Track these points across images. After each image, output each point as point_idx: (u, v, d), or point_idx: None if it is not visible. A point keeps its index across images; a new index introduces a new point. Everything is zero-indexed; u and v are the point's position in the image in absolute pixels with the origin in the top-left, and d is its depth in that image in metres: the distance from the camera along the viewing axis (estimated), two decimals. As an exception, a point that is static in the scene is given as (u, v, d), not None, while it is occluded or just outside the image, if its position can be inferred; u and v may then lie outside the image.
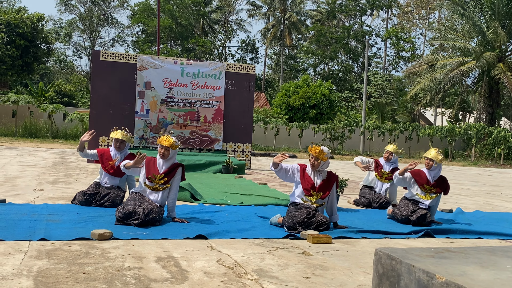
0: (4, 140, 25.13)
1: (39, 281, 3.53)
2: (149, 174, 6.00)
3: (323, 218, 5.86)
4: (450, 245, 5.61)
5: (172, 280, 3.72)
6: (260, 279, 3.87)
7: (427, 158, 6.99)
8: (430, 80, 37.38)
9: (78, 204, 6.90)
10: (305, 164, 6.26)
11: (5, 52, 34.21)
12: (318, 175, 6.12)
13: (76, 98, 48.85)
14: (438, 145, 36.72)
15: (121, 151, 7.14)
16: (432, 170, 6.95)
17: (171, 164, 6.10)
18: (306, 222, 5.74)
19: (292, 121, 37.26)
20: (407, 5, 59.18)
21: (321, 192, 6.02)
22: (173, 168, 6.07)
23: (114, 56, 14.53)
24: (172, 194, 6.08)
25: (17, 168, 11.69)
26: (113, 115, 14.28)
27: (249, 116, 15.54)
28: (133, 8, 58.92)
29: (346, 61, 60.30)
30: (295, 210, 5.90)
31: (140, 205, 5.72)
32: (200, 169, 13.42)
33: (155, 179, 5.98)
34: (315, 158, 6.05)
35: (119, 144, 7.14)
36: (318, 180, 6.08)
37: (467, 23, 36.78)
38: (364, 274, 4.19)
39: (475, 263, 2.86)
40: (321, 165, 6.08)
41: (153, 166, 6.06)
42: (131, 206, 5.71)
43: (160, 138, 6.08)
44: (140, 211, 5.63)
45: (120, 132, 7.15)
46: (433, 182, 6.90)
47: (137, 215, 5.62)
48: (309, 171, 6.13)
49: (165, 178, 6.00)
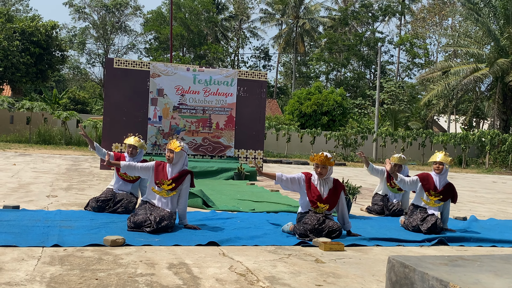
0: (18, 146, 25.35)
1: (52, 287, 3.55)
2: (158, 179, 6.00)
3: (335, 225, 5.75)
4: (464, 253, 5.55)
5: (184, 287, 3.72)
6: (272, 286, 3.85)
7: (436, 162, 6.87)
8: (443, 87, 37.14)
9: (91, 210, 6.94)
10: (310, 172, 6.06)
11: (20, 59, 34.58)
12: (324, 184, 5.94)
13: (89, 105, 49.22)
14: (452, 152, 36.45)
15: (134, 157, 7.21)
16: (442, 174, 6.86)
17: (180, 170, 6.08)
18: (317, 229, 5.67)
19: (304, 128, 37.21)
20: (420, 11, 58.97)
21: (328, 204, 5.87)
22: (182, 175, 6.06)
23: (127, 64, 14.62)
24: (182, 201, 6.08)
25: (31, 175, 11.78)
26: (126, 122, 14.36)
27: (261, 123, 15.55)
28: (146, 16, 59.33)
29: (359, 68, 60.17)
30: (305, 217, 5.83)
31: (151, 214, 5.73)
32: (212, 175, 13.44)
33: (163, 185, 5.97)
34: (321, 166, 5.86)
35: (131, 150, 7.23)
36: (325, 190, 5.91)
37: (481, 29, 36.55)
38: (377, 282, 4.16)
39: (489, 271, 2.83)
40: (328, 171, 5.94)
41: (162, 171, 6.06)
42: (142, 216, 5.71)
43: (169, 142, 6.13)
44: (152, 219, 5.64)
45: (134, 138, 7.26)
46: (441, 188, 6.80)
47: (148, 223, 5.64)
48: (315, 181, 5.95)
49: (173, 184, 5.97)
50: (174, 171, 6.06)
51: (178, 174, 6.05)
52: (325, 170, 5.89)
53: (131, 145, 7.20)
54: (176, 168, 6.08)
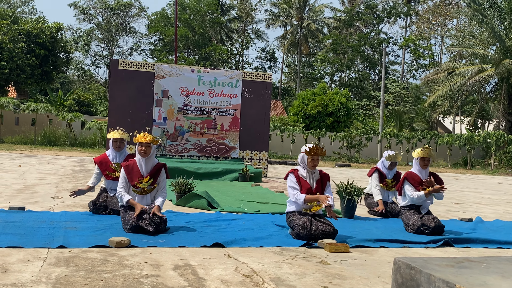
0: (24, 148, 25.44)
1: (58, 288, 3.56)
2: (133, 182, 5.86)
3: (326, 227, 5.60)
4: (470, 254, 5.53)
5: (189, 288, 3.72)
6: (277, 287, 3.85)
7: (424, 159, 6.81)
8: (448, 88, 37.06)
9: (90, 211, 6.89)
10: (295, 168, 6.01)
11: (25, 61, 34.73)
12: (312, 176, 5.93)
13: (94, 106, 49.38)
14: (457, 154, 36.38)
15: (120, 151, 7.08)
16: (426, 168, 6.83)
17: (153, 164, 5.98)
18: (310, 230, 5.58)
19: (309, 129, 37.20)
20: (425, 12, 58.85)
21: (318, 193, 5.83)
22: (157, 169, 5.97)
23: (132, 65, 14.65)
24: (161, 194, 5.97)
25: (36, 176, 11.82)
26: (131, 123, 14.38)
27: (265, 124, 15.55)
28: (150, 17, 59.47)
29: (363, 69, 60.11)
30: (295, 220, 5.73)
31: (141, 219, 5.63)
32: (216, 177, 13.44)
33: (141, 183, 5.87)
34: (316, 158, 5.83)
35: (118, 143, 7.04)
36: (314, 182, 5.90)
37: (486, 30, 36.45)
38: (382, 283, 4.15)
39: (496, 273, 2.82)
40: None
41: (133, 171, 5.90)
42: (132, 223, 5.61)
43: (137, 137, 5.90)
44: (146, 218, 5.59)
45: (117, 132, 7.04)
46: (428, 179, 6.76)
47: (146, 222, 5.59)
48: (303, 174, 5.92)
49: (151, 179, 5.90)
50: (148, 165, 5.94)
51: (154, 169, 5.95)
52: (318, 159, 5.89)
53: (117, 138, 7.00)
54: (149, 161, 5.95)
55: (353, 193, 7.55)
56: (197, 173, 13.11)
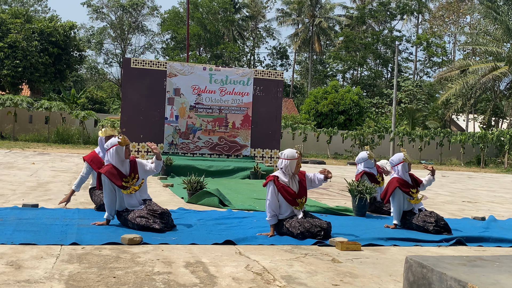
0: (37, 145, 25.65)
1: (70, 285, 3.59)
2: (120, 184, 5.84)
3: (316, 229, 5.56)
4: (482, 253, 5.49)
5: (201, 286, 3.73)
6: (289, 285, 3.85)
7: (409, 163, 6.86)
8: (461, 86, 36.77)
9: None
10: (274, 175, 5.83)
11: (39, 59, 34.98)
12: (293, 179, 5.84)
13: (107, 104, 49.62)
14: (470, 152, 36.11)
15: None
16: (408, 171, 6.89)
17: (128, 161, 6.01)
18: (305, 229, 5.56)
19: (321, 127, 37.10)
20: (438, 10, 58.41)
21: (304, 197, 5.78)
22: (133, 164, 6.01)
23: (144, 63, 14.70)
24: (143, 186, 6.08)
25: (49, 174, 11.91)
26: (143, 121, 14.45)
27: (277, 122, 15.54)
28: (163, 15, 59.60)
29: (376, 67, 59.81)
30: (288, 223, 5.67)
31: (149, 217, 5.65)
32: (228, 175, 13.46)
33: (129, 182, 5.89)
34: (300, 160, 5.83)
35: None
36: (296, 186, 5.81)
37: (500, 27, 36.10)
38: (394, 282, 4.13)
39: (508, 272, 2.80)
40: None
41: (116, 175, 5.87)
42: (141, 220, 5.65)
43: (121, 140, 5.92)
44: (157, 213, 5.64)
45: (109, 129, 7.05)
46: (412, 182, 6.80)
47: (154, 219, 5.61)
48: (284, 180, 5.76)
49: (136, 176, 5.95)
50: (126, 164, 5.98)
51: (131, 165, 5.98)
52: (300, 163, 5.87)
53: (111, 134, 6.95)
54: (125, 160, 6.00)
55: (365, 192, 7.52)
56: (209, 171, 13.14)
